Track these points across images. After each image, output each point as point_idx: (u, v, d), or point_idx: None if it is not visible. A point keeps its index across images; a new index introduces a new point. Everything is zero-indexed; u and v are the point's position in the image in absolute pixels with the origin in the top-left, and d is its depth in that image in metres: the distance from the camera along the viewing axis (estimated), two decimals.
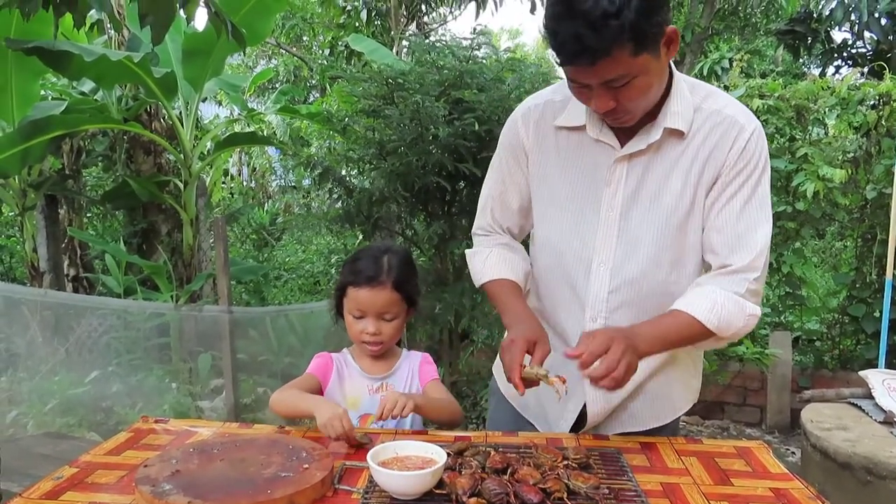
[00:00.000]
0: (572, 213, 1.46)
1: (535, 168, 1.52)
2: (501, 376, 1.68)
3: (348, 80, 3.70)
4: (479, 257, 1.61)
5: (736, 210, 1.38)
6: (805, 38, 7.38)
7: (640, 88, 1.26)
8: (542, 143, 1.50)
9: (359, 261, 1.69)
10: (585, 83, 1.27)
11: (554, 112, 1.48)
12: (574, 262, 1.46)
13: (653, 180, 1.41)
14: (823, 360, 4.50)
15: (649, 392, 1.54)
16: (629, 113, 1.32)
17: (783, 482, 1.30)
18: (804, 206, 4.22)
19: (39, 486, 1.26)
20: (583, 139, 1.45)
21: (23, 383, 4.04)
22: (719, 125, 1.38)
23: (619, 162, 1.41)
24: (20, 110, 4.86)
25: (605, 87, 1.25)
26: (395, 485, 1.19)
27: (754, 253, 1.37)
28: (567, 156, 1.47)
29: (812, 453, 2.91)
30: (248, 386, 4.39)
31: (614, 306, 1.44)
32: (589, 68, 1.22)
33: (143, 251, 5.70)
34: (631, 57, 1.20)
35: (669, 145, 1.40)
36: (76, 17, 2.56)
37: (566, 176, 1.47)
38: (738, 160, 1.37)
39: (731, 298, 1.36)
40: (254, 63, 14.03)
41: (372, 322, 1.66)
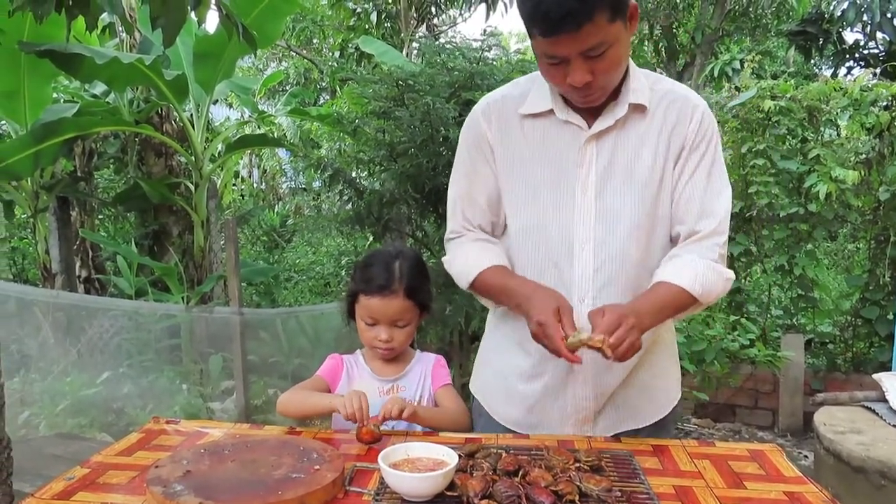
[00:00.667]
0: (548, 199, 1.47)
1: (502, 160, 1.52)
2: (488, 396, 1.65)
3: (358, 81, 3.71)
4: (458, 259, 1.57)
5: (701, 180, 1.46)
6: (817, 38, 7.34)
7: (613, 60, 1.32)
8: (507, 135, 1.51)
9: (370, 267, 1.67)
10: (563, 56, 1.30)
11: (515, 104, 1.51)
12: (556, 246, 1.47)
13: (623, 156, 1.45)
14: (836, 362, 4.46)
15: (639, 384, 1.54)
16: (601, 88, 1.36)
17: (797, 486, 1.29)
18: (816, 208, 4.19)
19: (51, 487, 1.27)
20: (548, 125, 1.48)
21: (35, 384, 4.07)
22: (674, 103, 1.46)
23: (589, 142, 1.45)
24: (33, 113, 4.91)
25: (583, 59, 1.30)
26: (406, 486, 1.19)
27: (720, 218, 1.45)
28: (535, 143, 1.49)
29: (825, 457, 2.88)
30: (259, 387, 4.40)
31: (600, 284, 1.45)
32: (573, 35, 1.25)
33: (154, 253, 5.73)
34: (608, 23, 1.26)
35: (634, 121, 1.45)
36: (88, 19, 2.57)
37: (536, 163, 1.48)
38: (696, 135, 1.45)
39: (710, 266, 1.42)
40: (264, 66, 14.10)
41: (384, 329, 1.66)
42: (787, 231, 4.34)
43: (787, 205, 4.27)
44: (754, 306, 4.72)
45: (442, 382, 1.74)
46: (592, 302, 1.44)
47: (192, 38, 5.20)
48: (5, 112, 4.98)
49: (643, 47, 11.72)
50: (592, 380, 1.50)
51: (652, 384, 1.57)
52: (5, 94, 4.80)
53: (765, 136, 4.34)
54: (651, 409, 1.58)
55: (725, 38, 10.76)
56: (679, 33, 11.20)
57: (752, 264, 4.65)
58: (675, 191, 1.46)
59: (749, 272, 4.80)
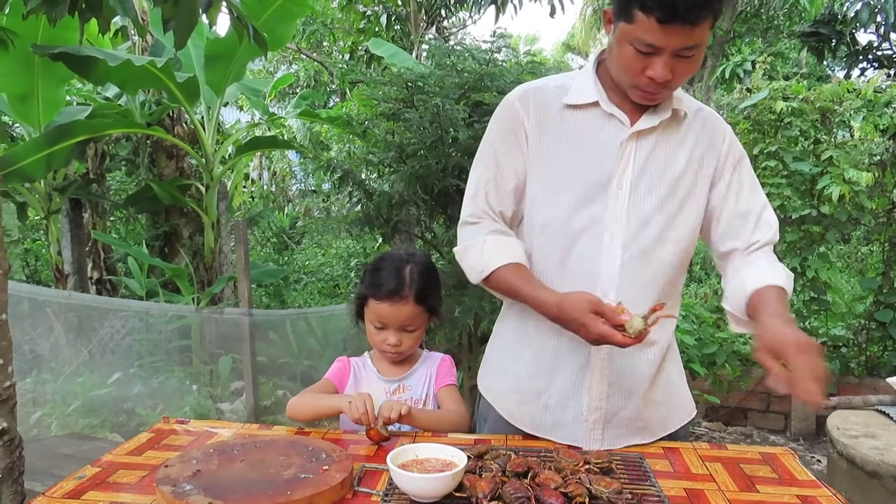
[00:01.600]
0: (582, 191, 1.46)
1: (535, 147, 1.50)
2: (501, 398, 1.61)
3: (368, 83, 3.71)
4: (473, 250, 1.51)
5: (747, 195, 1.52)
6: (829, 40, 7.28)
7: (695, 62, 1.36)
8: (545, 124, 1.49)
9: (380, 272, 1.66)
10: (661, 47, 1.31)
11: (555, 94, 1.51)
12: (583, 238, 1.45)
13: (660, 157, 1.47)
14: (850, 366, 4.42)
15: (655, 401, 1.52)
16: (671, 89, 1.41)
17: (811, 489, 1.27)
18: (829, 210, 4.15)
19: (62, 486, 1.27)
20: (590, 117, 1.48)
21: (47, 384, 4.10)
22: (707, 120, 1.53)
23: (631, 138, 1.46)
24: (46, 115, 4.94)
25: (673, 56, 1.32)
26: (414, 487, 1.18)
27: (774, 227, 1.52)
28: (574, 133, 1.48)
29: (839, 461, 2.85)
30: (268, 388, 4.41)
31: (626, 280, 1.45)
32: (688, 28, 1.28)
33: (165, 254, 5.76)
34: (707, 29, 1.31)
35: (673, 126, 1.49)
36: (101, 22, 2.59)
37: (573, 153, 1.47)
38: (729, 151, 1.52)
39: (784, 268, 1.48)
40: (275, 68, 14.16)
41: (393, 334, 1.66)
42: (799, 233, 4.30)
43: (799, 207, 4.24)
44: None
45: (445, 382, 1.73)
46: (615, 297, 1.43)
47: (203, 41, 5.22)
48: (19, 115, 5.01)
49: None
50: (608, 378, 1.48)
51: (663, 400, 1.54)
52: (19, 96, 4.84)
53: (777, 137, 4.31)
54: (656, 427, 1.55)
55: (737, 39, 10.70)
56: None
57: None
58: (726, 206, 1.51)
59: None
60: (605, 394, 1.48)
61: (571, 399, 1.50)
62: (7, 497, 1.68)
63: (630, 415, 1.49)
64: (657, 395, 1.52)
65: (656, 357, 1.50)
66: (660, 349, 1.50)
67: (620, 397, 1.49)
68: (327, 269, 8.39)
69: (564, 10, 10.38)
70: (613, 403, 1.49)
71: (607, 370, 1.47)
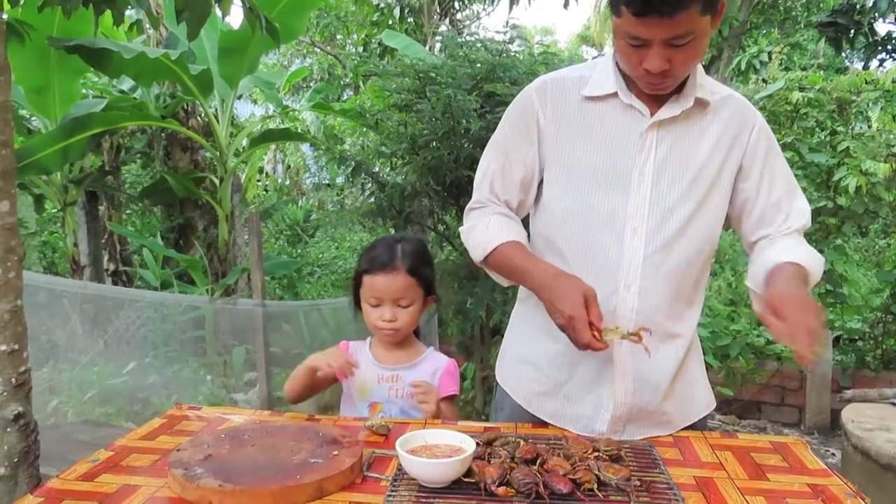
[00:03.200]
0: (602, 182, 1.45)
1: (552, 141, 1.49)
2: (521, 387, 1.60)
3: (381, 75, 3.71)
4: (477, 229, 1.53)
5: (780, 184, 1.50)
6: (847, 30, 7.17)
7: (694, 51, 1.32)
8: (563, 116, 1.49)
9: (374, 249, 1.72)
10: (647, 39, 1.29)
11: (575, 86, 1.49)
12: (606, 229, 1.44)
13: (683, 148, 1.45)
14: (865, 359, 4.38)
15: (677, 394, 1.51)
16: (674, 77, 1.37)
17: (821, 478, 1.26)
18: (846, 202, 4.10)
19: (76, 468, 1.29)
20: (609, 108, 1.46)
21: (63, 373, 4.15)
22: (736, 108, 1.49)
23: (652, 128, 1.44)
24: (62, 108, 4.99)
25: (665, 46, 1.29)
26: (423, 472, 1.19)
27: (807, 213, 1.52)
28: (593, 125, 1.47)
29: (853, 454, 2.83)
30: (281, 379, 4.43)
31: (649, 272, 1.43)
32: (666, 20, 1.25)
33: (179, 246, 5.81)
34: (699, 15, 1.27)
35: (696, 115, 1.46)
36: (115, 13, 2.61)
37: (592, 145, 1.46)
38: (758, 140, 1.48)
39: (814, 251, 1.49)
40: (289, 62, 14.18)
41: (388, 309, 1.67)
42: (815, 225, 4.26)
43: (815, 199, 4.19)
44: None
45: (448, 392, 1.71)
46: (639, 290, 1.43)
47: (216, 34, 5.25)
48: (36, 107, 5.07)
49: None
50: (633, 373, 1.45)
51: (684, 393, 1.53)
52: (35, 89, 4.89)
53: (793, 128, 4.27)
54: (687, 417, 1.54)
55: (753, 30, 10.58)
56: None
57: None
58: (759, 197, 1.49)
59: None
60: (630, 389, 1.46)
61: (592, 392, 1.49)
62: (23, 480, 1.71)
63: (654, 409, 1.48)
64: (679, 389, 1.51)
65: (679, 351, 1.48)
66: (684, 342, 1.48)
67: (647, 392, 1.47)
68: (340, 262, 8.42)
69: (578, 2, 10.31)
70: (640, 399, 1.47)
71: (630, 365, 1.45)
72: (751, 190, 1.49)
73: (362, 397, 1.68)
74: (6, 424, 1.68)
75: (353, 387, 1.70)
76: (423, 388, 1.62)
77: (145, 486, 1.21)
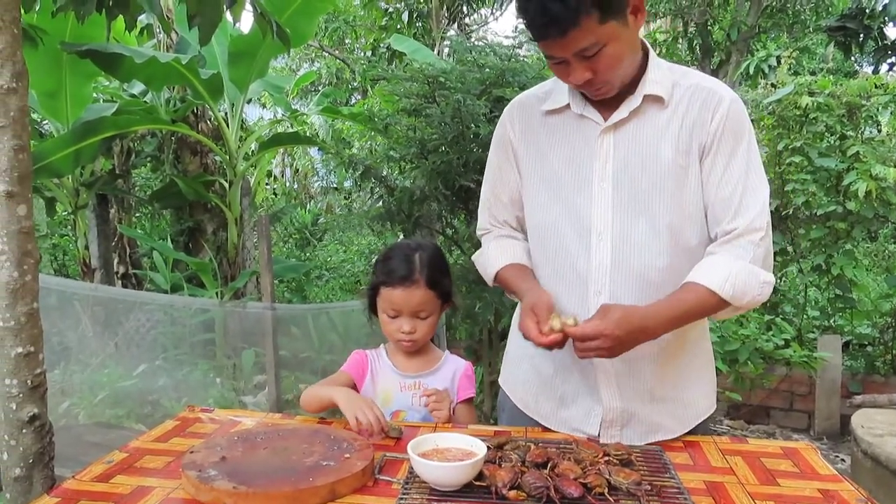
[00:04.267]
0: (567, 192, 1.48)
1: (524, 158, 1.55)
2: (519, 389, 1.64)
3: (390, 79, 3.73)
4: (482, 257, 1.67)
5: (734, 177, 1.40)
6: (857, 34, 7.13)
7: (612, 56, 1.32)
8: (530, 133, 1.54)
9: (390, 260, 1.67)
10: (560, 57, 1.32)
11: (539, 102, 1.54)
12: (574, 239, 1.47)
13: (641, 149, 1.43)
14: (875, 365, 4.35)
15: (667, 400, 1.50)
16: (607, 83, 1.37)
17: (832, 483, 1.27)
18: (855, 207, 4.09)
19: (91, 470, 1.31)
20: (567, 120, 1.50)
21: (75, 375, 4.17)
22: (697, 95, 1.42)
23: (605, 133, 1.44)
24: (74, 112, 5.03)
25: (580, 59, 1.31)
26: (435, 476, 1.20)
27: (753, 214, 1.38)
28: (555, 138, 1.51)
29: (863, 460, 2.82)
30: (290, 382, 4.46)
31: (617, 279, 1.43)
32: (561, 40, 1.28)
33: (189, 249, 5.83)
34: (598, 25, 1.27)
35: (652, 113, 1.43)
36: (128, 19, 2.63)
37: (557, 157, 1.50)
38: (722, 128, 1.39)
39: (745, 268, 1.36)
40: (297, 66, 14.25)
41: (407, 321, 1.65)
42: (824, 230, 4.25)
43: (824, 203, 4.18)
44: (790, 307, 4.63)
45: (466, 395, 1.72)
46: (609, 295, 1.42)
47: (227, 38, 5.28)
48: (48, 111, 5.11)
49: (677, 45, 11.56)
50: (615, 376, 1.46)
51: (676, 396, 1.50)
52: (48, 93, 4.93)
53: (802, 133, 4.26)
54: (673, 424, 1.51)
55: (762, 34, 10.56)
56: (714, 30, 11.02)
57: (788, 264, 4.56)
58: (708, 190, 1.41)
59: (785, 272, 4.71)
60: (616, 394, 1.47)
61: (585, 396, 1.51)
62: (38, 481, 1.73)
63: (647, 413, 1.48)
64: (671, 393, 1.49)
65: (656, 354, 1.45)
66: (658, 347, 1.44)
67: (633, 396, 1.47)
68: (349, 265, 8.44)
69: None
70: (628, 403, 1.47)
71: (612, 369, 1.46)
72: (707, 182, 1.42)
73: (385, 405, 1.66)
74: (22, 426, 1.70)
75: (376, 395, 1.70)
76: (435, 396, 1.62)
77: (159, 488, 1.23)
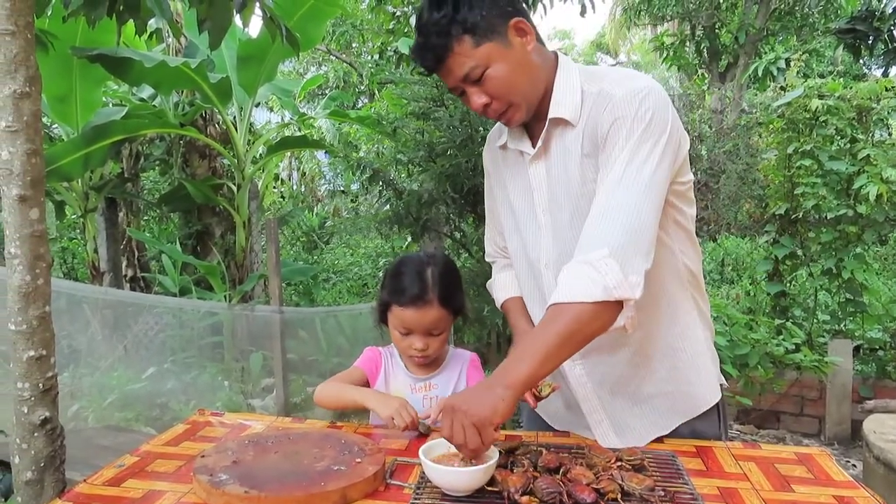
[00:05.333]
0: (522, 223, 1.51)
1: (495, 187, 1.61)
2: None
3: (398, 83, 3.73)
4: (492, 286, 1.74)
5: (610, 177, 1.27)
6: (866, 37, 7.11)
7: (498, 79, 1.32)
8: (495, 164, 1.59)
9: (401, 276, 1.62)
10: (454, 87, 1.36)
11: (499, 134, 1.56)
12: (533, 265, 1.50)
13: (561, 175, 1.41)
14: (886, 369, 4.32)
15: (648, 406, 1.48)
16: (510, 107, 1.36)
17: (848, 490, 1.25)
18: (866, 210, 4.07)
19: (102, 474, 1.31)
20: (510, 154, 1.53)
21: (84, 378, 4.19)
22: (596, 102, 1.34)
23: (533, 164, 1.45)
24: (83, 116, 5.06)
25: (469, 85, 1.34)
26: (447, 481, 1.19)
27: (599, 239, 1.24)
28: (510, 171, 1.54)
29: (875, 465, 2.80)
30: (298, 385, 4.46)
31: None
32: (442, 68, 1.33)
33: (197, 252, 5.85)
34: (473, 48, 1.29)
35: (564, 137, 1.39)
36: (138, 23, 2.65)
37: (513, 189, 1.53)
38: (609, 129, 1.30)
39: (574, 263, 1.25)
40: (305, 70, 14.30)
41: (419, 339, 1.62)
42: (834, 234, 4.22)
43: (835, 207, 4.16)
44: (800, 311, 4.60)
45: None
46: None
47: (235, 43, 5.30)
48: (58, 115, 5.14)
49: (684, 48, 11.55)
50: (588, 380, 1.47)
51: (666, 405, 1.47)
52: (58, 98, 4.96)
53: (812, 136, 4.24)
54: (642, 428, 1.48)
55: (770, 37, 10.53)
56: (721, 33, 11.01)
57: (798, 267, 4.54)
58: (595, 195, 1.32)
59: (795, 276, 4.68)
60: (595, 396, 1.48)
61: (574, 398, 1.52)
62: (49, 484, 1.73)
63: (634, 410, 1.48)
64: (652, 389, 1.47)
65: (631, 356, 1.43)
66: (629, 352, 1.43)
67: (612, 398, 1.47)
68: (356, 268, 8.45)
69: (595, 10, 10.31)
70: (608, 403, 1.48)
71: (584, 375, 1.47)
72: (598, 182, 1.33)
73: None
74: (34, 429, 1.71)
75: None
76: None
77: (171, 492, 1.23)
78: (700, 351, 1.51)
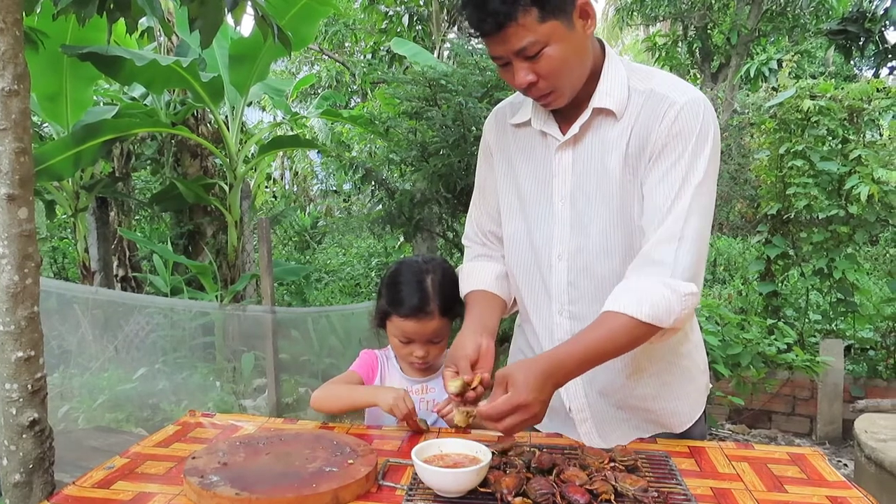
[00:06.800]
0: (532, 208, 1.46)
1: (498, 166, 1.53)
2: None
3: (391, 82, 3.73)
4: (460, 274, 1.62)
5: (670, 184, 1.29)
6: (858, 38, 7.15)
7: (555, 59, 1.26)
8: (503, 142, 1.52)
9: (400, 286, 1.61)
10: (501, 56, 1.29)
11: (511, 113, 1.51)
12: (540, 255, 1.45)
13: (594, 165, 1.37)
14: (877, 369, 4.34)
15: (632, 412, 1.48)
16: (554, 89, 1.31)
17: (840, 490, 1.25)
18: (857, 210, 4.08)
19: (92, 475, 1.29)
20: (530, 135, 1.47)
21: (74, 379, 4.16)
22: (649, 101, 1.33)
23: (561, 150, 1.41)
24: (74, 115, 5.03)
25: (521, 59, 1.27)
26: (439, 482, 1.19)
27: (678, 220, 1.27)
28: (523, 152, 1.48)
29: (866, 465, 2.81)
30: (290, 385, 4.44)
31: (575, 298, 1.41)
32: (498, 36, 1.24)
33: (189, 252, 5.82)
34: (538, 23, 1.22)
35: (604, 128, 1.37)
36: (129, 21, 2.63)
37: (523, 172, 1.48)
38: (668, 135, 1.30)
39: (658, 284, 1.26)
40: (297, 69, 14.27)
41: (420, 347, 1.61)
42: (826, 234, 4.24)
43: (826, 207, 4.18)
44: (792, 311, 4.62)
45: None
46: (569, 314, 1.42)
47: (227, 42, 5.28)
48: (48, 114, 5.11)
49: (677, 48, 11.58)
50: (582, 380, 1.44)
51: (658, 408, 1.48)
52: (48, 96, 4.93)
53: (804, 136, 4.25)
54: (624, 431, 1.48)
55: (762, 38, 10.58)
56: (714, 34, 11.05)
57: (790, 267, 4.56)
58: (644, 198, 1.33)
59: (786, 276, 4.70)
60: (582, 393, 1.47)
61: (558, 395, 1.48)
62: (38, 486, 1.71)
63: (619, 414, 1.48)
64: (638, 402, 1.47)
65: (624, 366, 1.43)
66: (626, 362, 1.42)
67: (600, 398, 1.47)
68: (348, 268, 8.44)
69: None
70: (594, 402, 1.48)
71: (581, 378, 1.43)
72: (643, 189, 1.33)
73: None
74: (22, 431, 1.69)
75: None
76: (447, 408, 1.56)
77: (161, 494, 1.22)
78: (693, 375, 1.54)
